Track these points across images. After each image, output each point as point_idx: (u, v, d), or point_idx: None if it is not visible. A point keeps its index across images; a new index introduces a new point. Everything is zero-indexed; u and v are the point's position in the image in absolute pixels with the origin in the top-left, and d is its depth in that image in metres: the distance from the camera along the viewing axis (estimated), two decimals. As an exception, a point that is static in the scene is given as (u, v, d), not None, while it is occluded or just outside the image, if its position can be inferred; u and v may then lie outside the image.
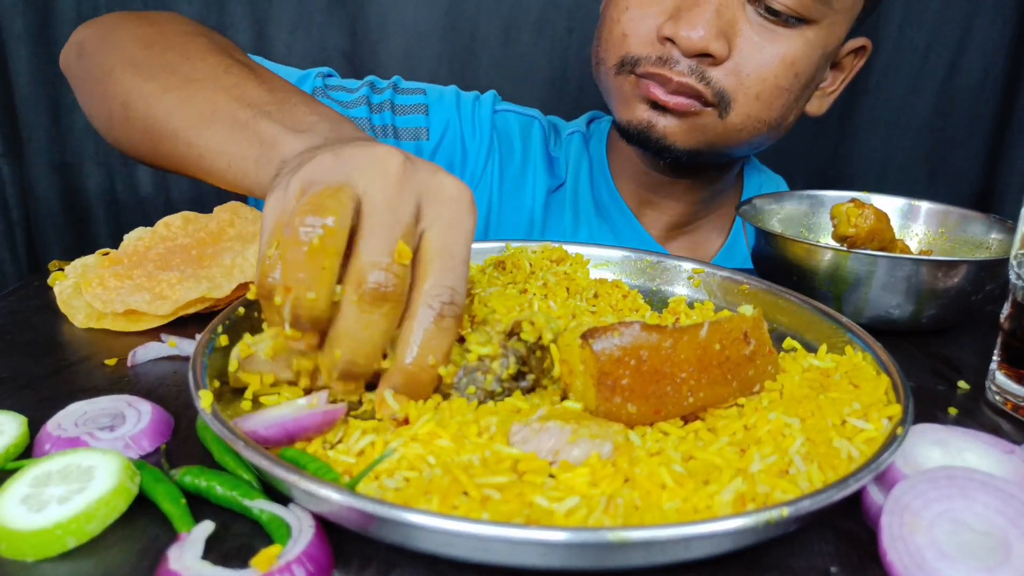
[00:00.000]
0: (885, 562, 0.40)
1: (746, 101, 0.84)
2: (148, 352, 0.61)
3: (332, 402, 0.49)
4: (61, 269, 0.71)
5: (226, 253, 0.70)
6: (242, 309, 0.58)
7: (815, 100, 0.94)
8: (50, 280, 0.70)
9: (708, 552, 0.38)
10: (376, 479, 0.42)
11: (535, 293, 0.69)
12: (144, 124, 0.70)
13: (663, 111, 0.85)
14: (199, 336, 0.53)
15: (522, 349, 0.51)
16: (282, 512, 0.40)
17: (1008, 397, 0.61)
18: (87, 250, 0.73)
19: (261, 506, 0.41)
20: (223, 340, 0.54)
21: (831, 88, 0.95)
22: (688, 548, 0.37)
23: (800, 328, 0.66)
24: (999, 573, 0.38)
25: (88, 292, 0.65)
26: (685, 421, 0.49)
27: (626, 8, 0.85)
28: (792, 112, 0.90)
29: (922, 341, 0.73)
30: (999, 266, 0.69)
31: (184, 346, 0.62)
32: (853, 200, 0.79)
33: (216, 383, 0.50)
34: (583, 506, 0.39)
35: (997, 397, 0.62)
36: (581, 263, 0.76)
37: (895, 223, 0.86)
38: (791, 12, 0.81)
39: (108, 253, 0.71)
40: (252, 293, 0.48)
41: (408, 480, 0.41)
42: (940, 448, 0.48)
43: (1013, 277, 0.60)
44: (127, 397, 0.52)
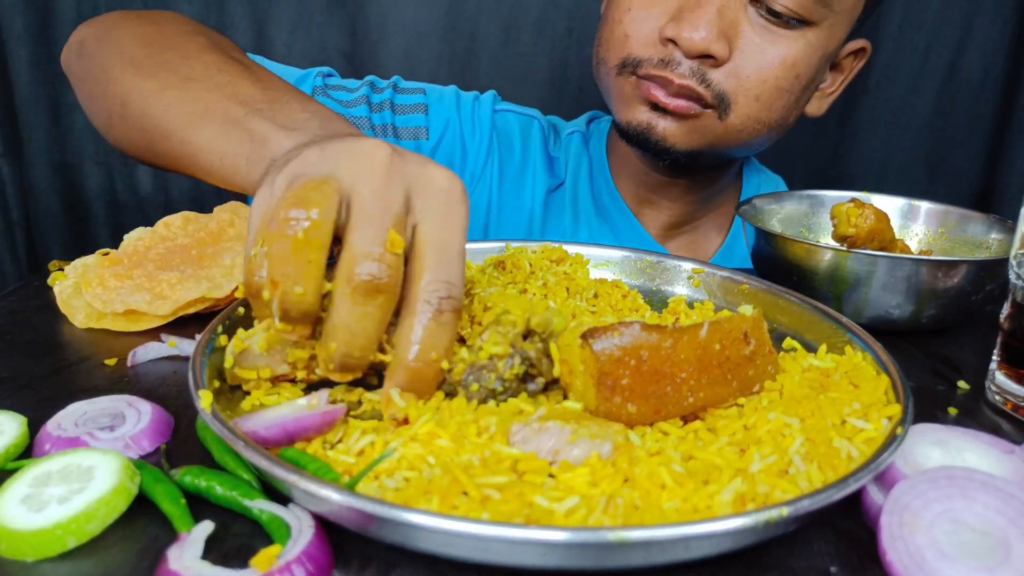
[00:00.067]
0: (885, 562, 0.40)
1: (746, 102, 0.84)
2: (148, 352, 0.61)
3: (332, 402, 0.49)
4: (61, 269, 0.71)
5: (226, 253, 0.70)
6: (242, 309, 0.58)
7: (814, 101, 0.94)
8: (50, 280, 0.70)
9: (708, 552, 0.38)
10: (376, 479, 0.42)
11: (535, 293, 0.70)
12: (141, 122, 0.70)
13: (663, 113, 0.85)
14: (199, 336, 0.53)
15: (531, 351, 0.51)
16: (282, 512, 0.40)
17: (1008, 397, 0.61)
18: (87, 250, 0.73)
19: (261, 506, 0.41)
20: (223, 340, 0.54)
21: (830, 89, 0.95)
22: (688, 548, 0.37)
23: (800, 328, 0.66)
24: (999, 573, 0.38)
25: (88, 292, 0.65)
26: (685, 421, 0.49)
27: (628, 9, 0.85)
28: (792, 113, 0.90)
29: (922, 341, 0.73)
30: (999, 266, 0.69)
31: (184, 346, 0.62)
32: (853, 200, 0.79)
33: (216, 383, 0.50)
34: (583, 506, 0.39)
35: (997, 397, 0.62)
36: (581, 263, 0.76)
37: (895, 223, 0.86)
38: (792, 14, 0.81)
39: (108, 253, 0.71)
40: (240, 292, 0.48)
41: (408, 480, 0.41)
42: (940, 448, 0.48)
43: (1013, 277, 0.60)
44: (127, 397, 0.52)
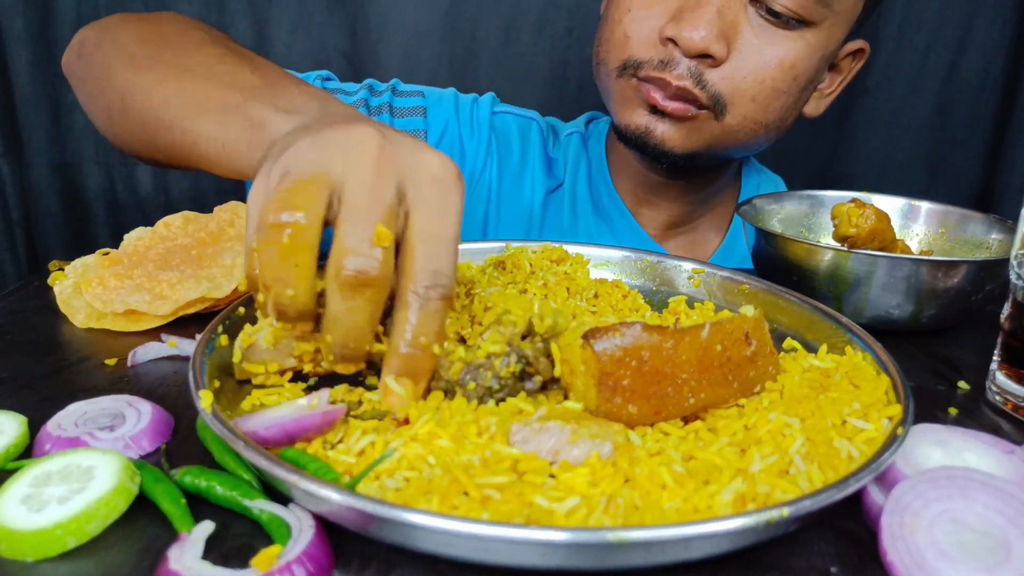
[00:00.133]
0: (885, 562, 0.40)
1: (742, 103, 0.84)
2: (148, 352, 0.61)
3: (333, 402, 0.49)
4: (61, 269, 0.71)
5: (226, 253, 0.70)
6: (242, 309, 0.58)
7: (812, 101, 0.94)
8: (50, 280, 0.70)
9: (708, 552, 0.38)
10: (376, 479, 0.42)
11: (535, 293, 0.70)
12: (141, 116, 0.70)
13: (661, 116, 0.85)
14: (199, 336, 0.53)
15: (528, 349, 0.51)
16: (282, 512, 0.40)
17: (1008, 397, 0.61)
18: (87, 250, 0.73)
19: (261, 506, 0.41)
20: (223, 340, 0.54)
21: (829, 90, 0.95)
22: (688, 548, 0.37)
23: (800, 328, 0.66)
24: (999, 573, 0.38)
25: (88, 292, 0.65)
26: (685, 421, 0.49)
27: (628, 10, 0.85)
28: (790, 114, 0.90)
29: (922, 341, 0.73)
30: (999, 266, 0.69)
31: (184, 346, 0.62)
32: (854, 200, 0.79)
33: (216, 383, 0.50)
34: (583, 506, 0.39)
35: (997, 397, 0.62)
36: (581, 263, 0.76)
37: (895, 223, 0.86)
38: (792, 14, 0.81)
39: (108, 253, 0.71)
40: (242, 285, 0.48)
41: (408, 480, 0.41)
42: (940, 448, 0.48)
43: (1013, 277, 0.60)
44: (127, 397, 0.52)
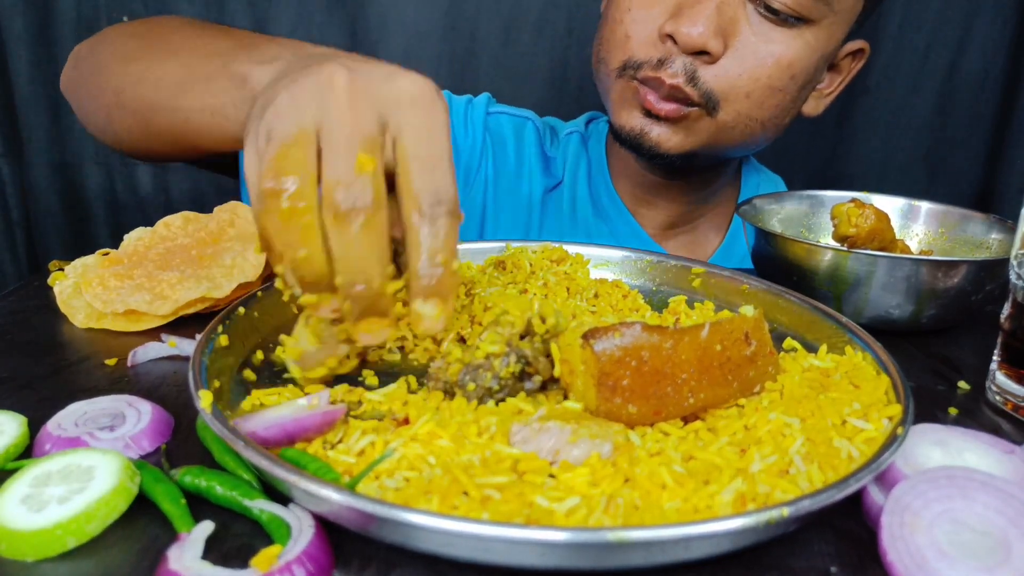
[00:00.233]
0: (885, 562, 0.40)
1: (737, 99, 0.84)
2: (148, 352, 0.61)
3: (333, 402, 0.49)
4: (61, 269, 0.71)
5: (226, 253, 0.70)
6: (242, 309, 0.58)
7: (811, 101, 0.94)
8: (50, 280, 0.70)
9: (708, 552, 0.38)
10: (376, 479, 0.42)
11: (535, 293, 0.70)
12: (134, 105, 0.72)
13: (656, 119, 0.85)
14: (199, 336, 0.53)
15: (527, 349, 0.51)
16: (282, 512, 0.40)
17: (1008, 397, 0.61)
18: (87, 250, 0.73)
19: (261, 506, 0.41)
20: (223, 340, 0.54)
21: (828, 90, 0.95)
22: (688, 548, 0.37)
23: (800, 328, 0.66)
24: (999, 573, 0.38)
25: (88, 292, 0.65)
26: (685, 421, 0.49)
27: (628, 9, 0.85)
28: (788, 113, 0.90)
29: (922, 341, 0.73)
30: (999, 266, 0.69)
31: (184, 346, 0.62)
32: (853, 200, 0.79)
33: (216, 383, 0.50)
34: (583, 506, 0.39)
35: (997, 397, 0.62)
36: (581, 263, 0.76)
37: (895, 223, 0.86)
38: (791, 11, 0.81)
39: (108, 253, 0.71)
40: (257, 250, 0.47)
41: (408, 480, 0.41)
42: (940, 448, 0.48)
43: (1013, 277, 0.60)
44: (127, 397, 0.52)
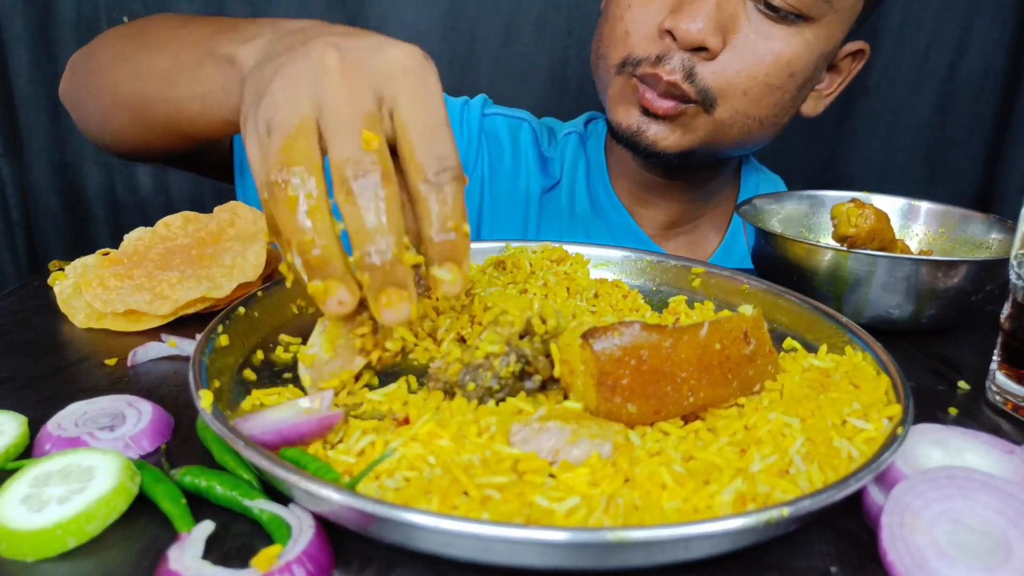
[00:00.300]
0: (885, 562, 0.40)
1: (734, 97, 0.84)
2: (148, 352, 0.61)
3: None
4: (61, 269, 0.71)
5: (226, 253, 0.70)
6: (242, 309, 0.58)
7: (810, 101, 0.94)
8: (50, 280, 0.70)
9: (708, 552, 0.38)
10: (376, 479, 0.42)
11: (535, 293, 0.70)
12: (129, 101, 0.73)
13: (654, 117, 0.85)
14: (199, 336, 0.53)
15: (527, 349, 0.51)
16: (282, 512, 0.40)
17: (1008, 397, 0.61)
18: (87, 250, 0.73)
19: (261, 506, 0.41)
20: (223, 340, 0.54)
21: (828, 91, 0.95)
22: (688, 548, 0.37)
23: (800, 328, 0.66)
24: (999, 573, 0.38)
25: (88, 292, 0.65)
26: (685, 421, 0.49)
27: (628, 6, 0.85)
28: (787, 112, 0.89)
29: (922, 341, 0.73)
30: (999, 266, 0.69)
31: (184, 346, 0.62)
32: (853, 200, 0.79)
33: (216, 383, 0.50)
34: (583, 506, 0.39)
35: (997, 397, 0.62)
36: (581, 263, 0.76)
37: (895, 223, 0.86)
38: (791, 8, 0.81)
39: (108, 253, 0.71)
40: (266, 236, 0.47)
41: (408, 480, 0.41)
42: (940, 448, 0.48)
43: (1013, 277, 0.60)
44: (127, 397, 0.52)
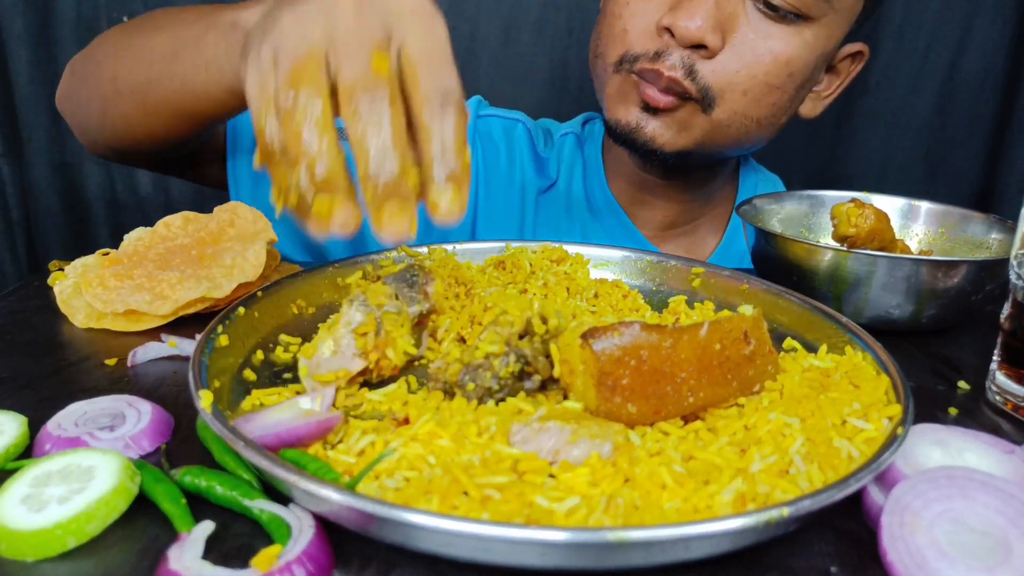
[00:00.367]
0: (885, 562, 0.40)
1: (733, 97, 0.84)
2: (148, 352, 0.61)
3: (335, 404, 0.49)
4: (61, 269, 0.71)
5: (226, 253, 0.70)
6: (242, 309, 0.58)
7: (809, 102, 0.94)
8: (50, 280, 0.70)
9: (708, 552, 0.38)
10: (376, 479, 0.42)
11: (535, 293, 0.70)
12: (131, 86, 0.73)
13: (653, 113, 0.85)
14: (199, 336, 0.53)
15: (527, 349, 0.51)
16: (282, 512, 0.40)
17: (1008, 397, 0.61)
18: (87, 250, 0.73)
19: (261, 506, 0.41)
20: (223, 340, 0.54)
21: (826, 92, 0.95)
22: (688, 548, 0.37)
23: (800, 328, 0.66)
24: (999, 573, 0.38)
25: (88, 292, 0.65)
26: (685, 421, 0.49)
27: (627, 3, 0.85)
28: (784, 112, 0.89)
29: (922, 341, 0.73)
30: (999, 266, 0.69)
31: (184, 346, 0.62)
32: (853, 200, 0.79)
33: (216, 383, 0.50)
34: (583, 506, 0.39)
35: (997, 397, 0.62)
36: (581, 263, 0.76)
37: (895, 223, 0.86)
38: (791, 8, 0.81)
39: (108, 253, 0.71)
40: (258, 161, 0.48)
41: (408, 480, 0.41)
42: (940, 448, 0.48)
43: (1013, 277, 0.60)
44: (127, 397, 0.52)
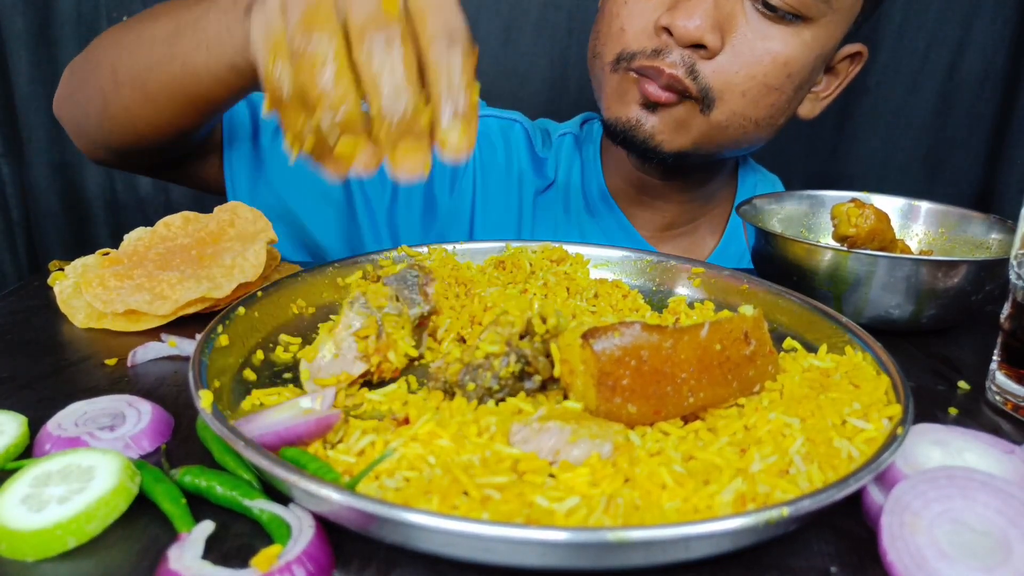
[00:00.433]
0: (885, 562, 0.40)
1: (732, 98, 0.84)
2: (148, 352, 0.61)
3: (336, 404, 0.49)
4: (61, 269, 0.71)
5: (226, 253, 0.70)
6: (242, 309, 0.58)
7: (807, 103, 0.94)
8: (50, 280, 0.70)
9: (708, 552, 0.38)
10: (376, 479, 0.42)
11: (535, 293, 0.70)
12: (132, 73, 0.74)
13: (652, 110, 0.85)
14: (199, 336, 0.53)
15: (527, 349, 0.51)
16: (282, 512, 0.40)
17: (1008, 397, 0.61)
18: (87, 250, 0.73)
19: (261, 506, 0.41)
20: (223, 340, 0.54)
21: (825, 93, 0.95)
22: (688, 548, 0.37)
23: (800, 328, 0.66)
24: (999, 573, 0.38)
25: (88, 292, 0.65)
26: (685, 421, 0.49)
27: (624, 3, 0.85)
28: (782, 113, 0.89)
29: (922, 341, 0.73)
30: (999, 266, 0.69)
31: (184, 346, 0.62)
32: (853, 200, 0.79)
33: (216, 383, 0.50)
34: (583, 506, 0.39)
35: (997, 397, 0.62)
36: (581, 263, 0.76)
37: (895, 223, 0.86)
38: (790, 8, 0.81)
39: (108, 253, 0.71)
40: (268, 107, 0.49)
41: (408, 480, 0.41)
42: (940, 448, 0.48)
43: (1013, 277, 0.60)
44: (127, 397, 0.52)
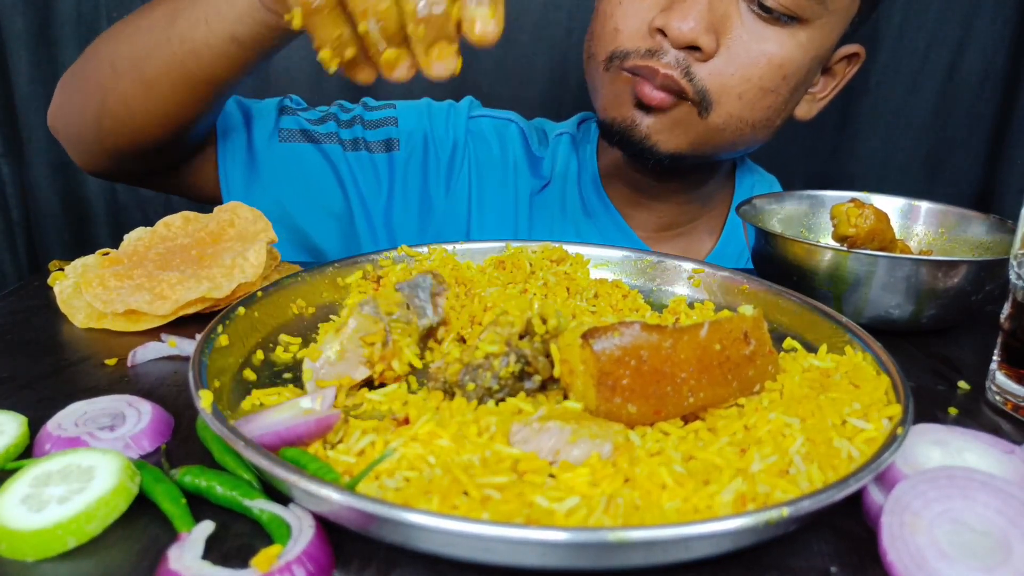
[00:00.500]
0: (885, 562, 0.40)
1: (728, 100, 0.84)
2: (148, 352, 0.61)
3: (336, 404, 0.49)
4: (61, 269, 0.71)
5: (226, 253, 0.70)
6: (242, 309, 0.58)
7: (804, 104, 0.93)
8: (50, 280, 0.70)
9: (708, 552, 0.38)
10: (376, 479, 0.42)
11: (535, 293, 0.70)
12: (130, 61, 0.74)
13: (647, 111, 0.85)
14: (199, 336, 0.53)
15: (527, 349, 0.51)
16: (282, 512, 0.40)
17: (1008, 397, 0.61)
18: (87, 250, 0.73)
19: (261, 506, 0.41)
20: (223, 340, 0.54)
21: (822, 94, 0.94)
22: (688, 548, 0.37)
23: (800, 328, 0.66)
24: (999, 573, 0.38)
25: (88, 292, 0.65)
26: (685, 421, 0.49)
27: (619, 3, 0.85)
28: (779, 115, 0.89)
29: (922, 341, 0.73)
30: (999, 266, 0.69)
31: (184, 346, 0.62)
32: (853, 200, 0.79)
33: (216, 383, 0.50)
34: (583, 506, 0.39)
35: (997, 397, 0.62)
36: (581, 263, 0.76)
37: (895, 223, 0.86)
38: (784, 10, 0.81)
39: (108, 253, 0.71)
40: (298, 20, 0.50)
41: (408, 480, 0.41)
42: (940, 448, 0.48)
43: (1013, 277, 0.60)
44: (127, 397, 0.52)
